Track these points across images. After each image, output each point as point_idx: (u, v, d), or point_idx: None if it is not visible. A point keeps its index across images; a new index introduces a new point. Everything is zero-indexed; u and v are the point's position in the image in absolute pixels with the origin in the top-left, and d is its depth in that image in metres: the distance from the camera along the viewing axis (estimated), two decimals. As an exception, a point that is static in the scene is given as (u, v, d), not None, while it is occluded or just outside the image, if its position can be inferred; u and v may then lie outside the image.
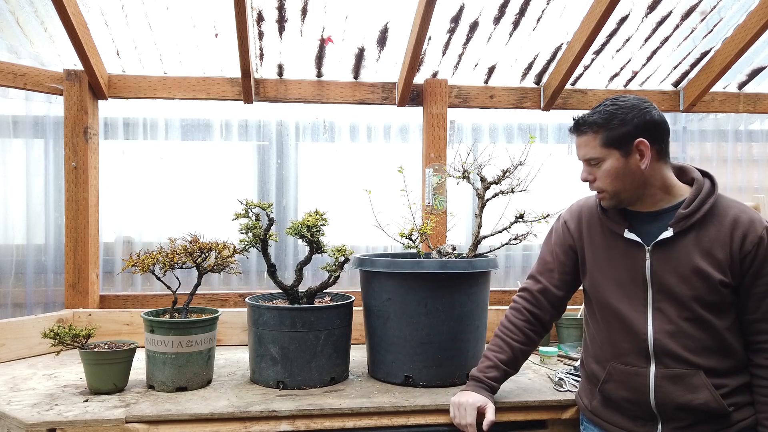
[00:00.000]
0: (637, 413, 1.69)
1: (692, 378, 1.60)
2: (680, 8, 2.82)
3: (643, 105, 1.62)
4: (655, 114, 1.62)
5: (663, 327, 1.62)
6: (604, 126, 1.62)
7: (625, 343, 1.68)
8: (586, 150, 1.66)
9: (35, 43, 2.81)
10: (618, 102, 1.63)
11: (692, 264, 1.59)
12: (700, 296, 1.59)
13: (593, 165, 1.67)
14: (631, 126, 1.60)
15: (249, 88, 2.92)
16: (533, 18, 2.82)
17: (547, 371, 2.36)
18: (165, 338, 2.07)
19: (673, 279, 1.61)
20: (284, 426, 1.88)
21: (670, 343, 1.61)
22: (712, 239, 1.59)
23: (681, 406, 1.61)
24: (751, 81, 3.30)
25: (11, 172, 3.04)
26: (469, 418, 1.80)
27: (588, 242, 1.80)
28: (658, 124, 1.62)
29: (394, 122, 3.33)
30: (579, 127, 1.68)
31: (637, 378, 1.66)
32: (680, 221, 1.61)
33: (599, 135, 1.63)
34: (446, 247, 2.31)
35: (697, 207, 1.60)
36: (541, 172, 2.34)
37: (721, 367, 1.61)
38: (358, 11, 2.70)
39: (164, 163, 3.17)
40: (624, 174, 1.63)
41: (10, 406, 1.89)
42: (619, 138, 1.61)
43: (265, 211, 2.27)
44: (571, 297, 1.95)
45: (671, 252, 1.62)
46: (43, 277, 3.09)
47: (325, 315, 2.15)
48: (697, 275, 1.59)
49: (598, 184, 1.68)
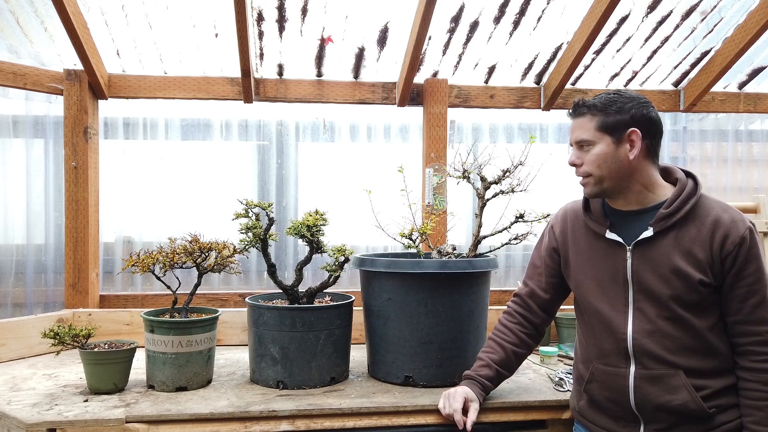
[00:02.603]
0: (619, 414, 1.69)
1: (671, 378, 1.59)
2: (680, 8, 2.82)
3: (643, 100, 1.65)
4: (653, 112, 1.65)
5: (642, 327, 1.62)
6: (602, 110, 1.65)
7: (606, 344, 1.69)
8: (580, 132, 1.68)
9: (35, 43, 2.81)
10: (620, 92, 1.67)
11: (671, 263, 1.59)
12: (679, 296, 1.59)
13: (584, 149, 1.68)
14: (627, 115, 1.62)
15: (249, 88, 2.92)
16: (533, 18, 2.82)
17: (547, 371, 2.36)
18: (165, 338, 2.07)
19: (653, 278, 1.61)
20: (284, 426, 1.88)
21: (649, 342, 1.61)
22: (692, 239, 1.59)
23: (660, 407, 1.60)
24: (752, 81, 3.30)
25: (11, 172, 3.03)
26: (455, 404, 1.82)
27: (572, 244, 1.81)
28: (654, 122, 1.65)
29: (394, 122, 3.33)
30: (577, 109, 1.71)
31: (618, 378, 1.66)
32: (660, 221, 1.61)
33: (595, 118, 1.65)
34: (446, 247, 2.31)
35: (678, 207, 1.61)
36: (541, 172, 2.34)
37: (703, 368, 1.60)
38: (358, 11, 2.70)
39: (164, 163, 3.17)
40: (611, 161, 1.64)
41: (10, 406, 1.89)
42: (614, 124, 1.63)
43: (265, 211, 2.26)
44: (563, 301, 1.95)
45: (651, 251, 1.62)
46: (43, 277, 3.09)
47: (325, 315, 2.15)
48: (676, 275, 1.59)
49: (584, 168, 1.69)
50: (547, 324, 1.97)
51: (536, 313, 1.93)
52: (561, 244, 1.85)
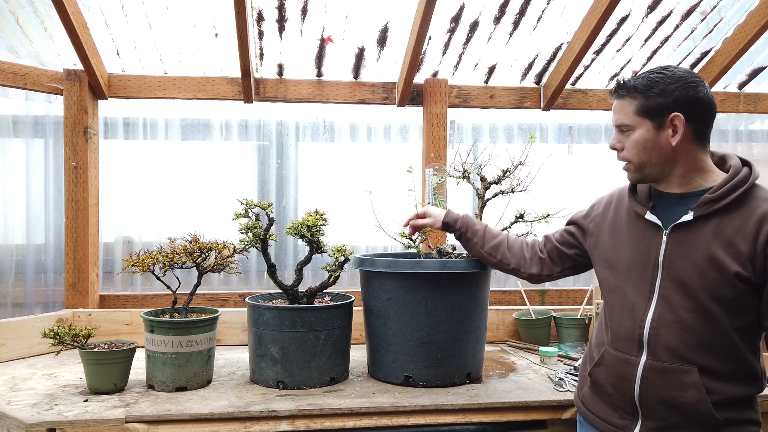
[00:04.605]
0: (619, 403, 1.62)
1: (683, 375, 1.49)
2: (680, 8, 2.82)
3: (691, 79, 1.51)
4: (701, 91, 1.51)
5: (663, 315, 1.53)
6: (642, 92, 1.53)
7: (623, 329, 1.61)
8: (620, 116, 1.58)
9: (35, 43, 2.81)
10: (665, 71, 1.54)
11: (708, 251, 1.48)
12: (710, 287, 1.47)
13: (624, 132, 1.58)
14: (670, 98, 1.50)
15: (249, 88, 2.92)
16: (533, 18, 2.82)
17: (547, 371, 2.36)
18: (165, 338, 2.07)
19: (685, 265, 1.50)
20: (284, 426, 1.88)
21: (666, 333, 1.52)
22: (736, 229, 1.46)
23: (664, 401, 1.52)
24: (752, 81, 3.30)
25: (11, 172, 3.03)
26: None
27: (610, 225, 1.72)
28: (702, 103, 1.51)
29: (394, 122, 3.33)
30: (618, 90, 1.59)
31: (627, 366, 1.58)
32: (703, 205, 1.49)
33: (635, 101, 1.54)
34: (446, 247, 2.31)
35: (725, 193, 1.48)
36: (541, 172, 2.34)
37: (719, 370, 1.49)
38: (358, 11, 2.70)
39: (164, 163, 3.17)
40: (652, 147, 1.54)
41: (10, 406, 1.89)
42: (654, 108, 1.52)
43: (265, 211, 2.26)
44: (564, 268, 1.92)
45: (689, 237, 1.51)
46: (42, 277, 3.09)
47: (325, 315, 2.15)
48: (711, 264, 1.47)
49: (624, 154, 1.60)
50: (535, 270, 1.95)
51: (538, 252, 1.94)
52: (595, 224, 1.78)
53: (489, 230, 2.06)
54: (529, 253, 1.97)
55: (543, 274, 1.95)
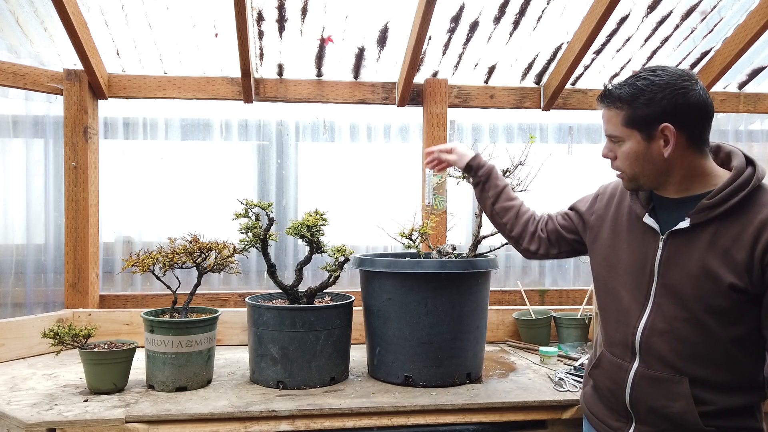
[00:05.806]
0: (614, 406, 1.61)
1: (674, 385, 1.46)
2: (680, 8, 2.82)
3: (680, 84, 1.41)
4: (692, 96, 1.41)
5: (656, 324, 1.49)
6: (628, 103, 1.45)
7: (617, 333, 1.58)
8: (608, 126, 1.52)
9: (35, 43, 2.81)
10: (652, 76, 1.43)
11: (703, 262, 1.42)
12: (704, 298, 1.42)
13: (615, 143, 1.52)
14: (657, 108, 1.41)
15: (249, 88, 2.92)
16: (533, 18, 2.82)
17: (547, 371, 2.36)
18: (165, 338, 2.07)
19: (679, 274, 1.45)
20: (284, 426, 1.88)
21: (658, 342, 1.48)
22: (733, 237, 1.40)
23: (653, 410, 1.49)
24: (752, 81, 3.30)
25: (11, 172, 3.03)
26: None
27: (611, 221, 1.67)
28: (694, 108, 1.41)
29: (394, 122, 3.33)
30: (604, 99, 1.52)
31: (619, 371, 1.57)
32: (700, 212, 1.43)
33: (622, 112, 1.46)
34: (446, 247, 2.31)
35: (723, 199, 1.41)
36: (541, 172, 2.34)
37: (714, 381, 1.44)
38: (358, 11, 2.70)
39: (164, 163, 3.17)
40: (644, 159, 1.47)
41: (10, 406, 1.89)
42: (642, 119, 1.43)
43: (265, 211, 2.27)
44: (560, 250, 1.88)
45: (685, 244, 1.45)
46: (42, 277, 3.09)
47: (325, 315, 2.15)
48: (705, 275, 1.41)
49: (617, 164, 1.54)
50: (534, 244, 1.88)
51: (540, 227, 1.87)
52: (597, 217, 1.72)
53: (507, 191, 1.94)
54: (532, 227, 1.90)
55: (539, 253, 1.89)
